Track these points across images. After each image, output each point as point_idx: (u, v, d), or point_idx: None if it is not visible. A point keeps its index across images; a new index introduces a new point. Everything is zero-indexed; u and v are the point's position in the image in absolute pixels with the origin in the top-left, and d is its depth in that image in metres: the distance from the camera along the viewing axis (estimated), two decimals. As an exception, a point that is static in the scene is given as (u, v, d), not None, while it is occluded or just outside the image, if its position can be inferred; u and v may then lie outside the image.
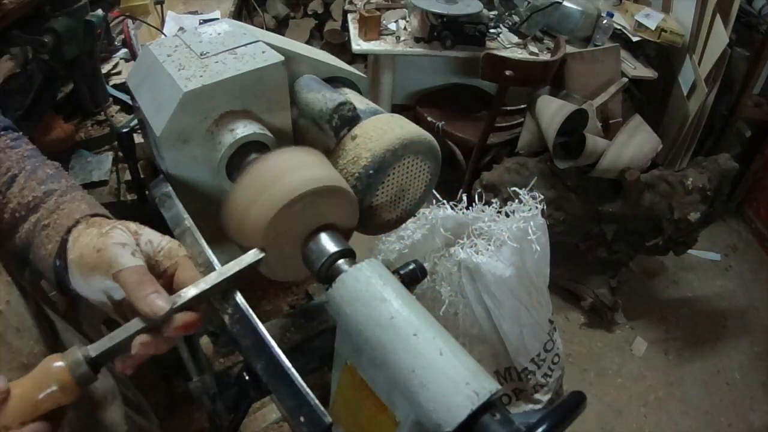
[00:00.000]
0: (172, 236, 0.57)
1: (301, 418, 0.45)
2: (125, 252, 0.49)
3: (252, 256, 0.53)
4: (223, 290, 0.52)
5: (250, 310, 0.51)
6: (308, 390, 0.46)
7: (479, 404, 0.45)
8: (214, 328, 0.57)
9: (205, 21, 1.97)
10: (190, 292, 0.49)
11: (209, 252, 0.56)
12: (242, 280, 0.53)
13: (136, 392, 0.85)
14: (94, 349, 0.44)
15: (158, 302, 0.46)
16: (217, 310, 0.51)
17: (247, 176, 0.58)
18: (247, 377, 0.58)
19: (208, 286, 0.50)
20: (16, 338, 0.53)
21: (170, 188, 0.65)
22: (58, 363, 0.42)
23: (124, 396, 0.76)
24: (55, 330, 0.65)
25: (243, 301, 0.52)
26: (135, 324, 0.47)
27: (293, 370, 0.48)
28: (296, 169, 0.58)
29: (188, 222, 0.59)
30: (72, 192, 0.57)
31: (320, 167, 0.60)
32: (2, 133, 0.60)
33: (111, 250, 0.49)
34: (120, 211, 1.09)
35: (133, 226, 0.53)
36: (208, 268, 0.55)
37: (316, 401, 0.46)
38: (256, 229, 0.56)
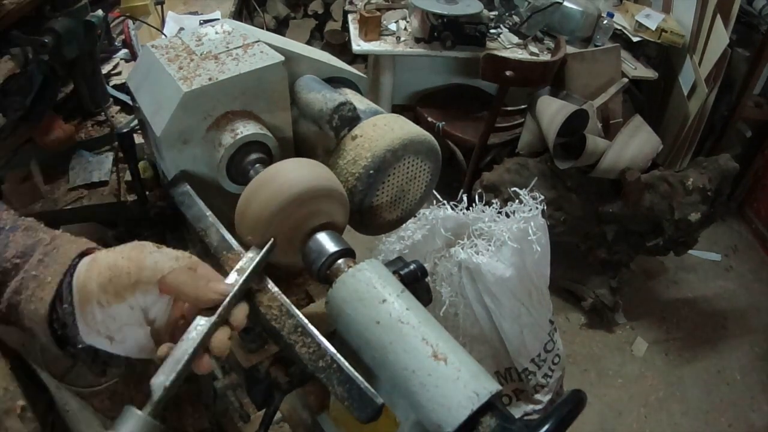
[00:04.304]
0: (196, 234, 0.58)
1: (354, 403, 0.46)
2: (165, 256, 0.47)
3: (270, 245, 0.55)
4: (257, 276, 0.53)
5: (288, 301, 0.52)
6: (357, 374, 0.47)
7: (479, 405, 0.45)
8: (247, 323, 0.58)
9: (206, 21, 1.97)
10: (233, 277, 0.50)
11: (236, 244, 0.57)
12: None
13: None
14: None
15: (221, 285, 0.47)
16: (253, 302, 0.52)
17: (250, 183, 0.59)
18: (278, 370, 0.58)
19: (248, 271, 0.51)
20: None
21: (189, 187, 0.65)
22: None
23: None
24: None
25: (280, 292, 0.52)
26: (188, 343, 0.45)
27: (339, 356, 0.48)
28: (295, 173, 0.58)
29: (212, 218, 0.59)
30: (58, 238, 0.52)
31: (318, 170, 0.61)
32: None
33: (151, 258, 0.47)
34: (120, 211, 1.09)
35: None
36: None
37: (366, 384, 0.46)
38: (255, 228, 0.57)
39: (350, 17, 2.48)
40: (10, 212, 0.54)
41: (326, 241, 0.58)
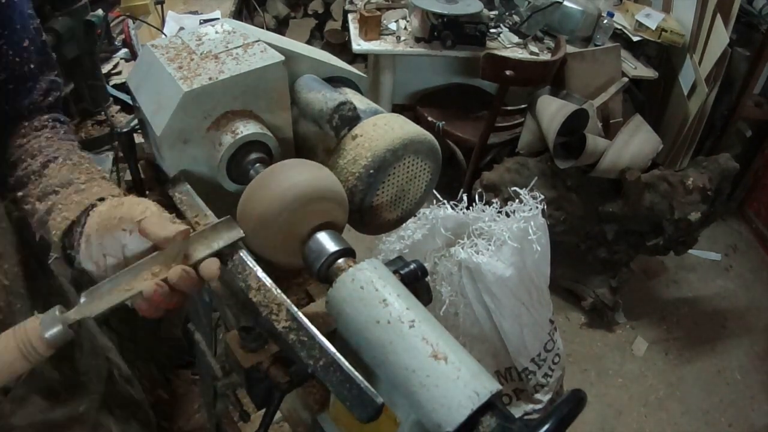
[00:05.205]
0: None
1: (354, 402, 0.46)
2: (144, 205, 0.57)
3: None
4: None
5: (288, 301, 0.52)
6: (357, 374, 0.47)
7: (480, 404, 0.45)
8: (247, 323, 0.58)
9: (206, 21, 1.98)
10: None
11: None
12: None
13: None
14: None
15: (180, 228, 0.54)
16: (253, 302, 0.52)
17: (251, 183, 0.59)
18: (278, 370, 0.58)
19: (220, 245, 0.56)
20: None
21: (189, 187, 0.65)
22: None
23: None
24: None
25: (280, 292, 0.52)
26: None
27: (339, 356, 0.48)
28: (295, 173, 0.59)
29: (212, 218, 0.59)
30: (89, 182, 0.65)
31: (318, 170, 0.61)
32: (49, 123, 0.71)
33: (131, 201, 0.59)
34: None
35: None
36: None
37: (366, 383, 0.46)
38: (256, 228, 0.57)
39: (350, 17, 2.48)
40: (71, 144, 0.71)
41: (326, 241, 0.58)
